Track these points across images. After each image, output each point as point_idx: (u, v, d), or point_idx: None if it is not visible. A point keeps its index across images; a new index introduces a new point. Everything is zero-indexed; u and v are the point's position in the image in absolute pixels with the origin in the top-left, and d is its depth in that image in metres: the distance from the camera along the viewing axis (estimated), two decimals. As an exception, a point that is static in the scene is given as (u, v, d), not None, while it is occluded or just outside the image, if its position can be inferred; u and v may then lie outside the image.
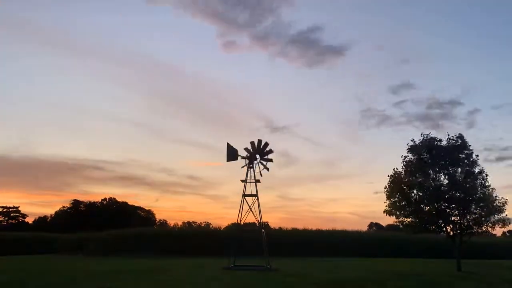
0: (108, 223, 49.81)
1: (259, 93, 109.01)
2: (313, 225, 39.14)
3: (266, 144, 22.31)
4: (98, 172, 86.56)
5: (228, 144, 22.26)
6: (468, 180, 20.11)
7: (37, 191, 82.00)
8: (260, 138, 22.38)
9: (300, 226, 39.97)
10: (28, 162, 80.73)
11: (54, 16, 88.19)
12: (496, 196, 19.99)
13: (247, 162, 22.17)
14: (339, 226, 49.09)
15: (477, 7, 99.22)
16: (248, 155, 22.24)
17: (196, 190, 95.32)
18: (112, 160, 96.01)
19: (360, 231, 41.92)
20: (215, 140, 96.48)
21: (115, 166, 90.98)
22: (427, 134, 21.45)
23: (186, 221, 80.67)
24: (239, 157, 22.27)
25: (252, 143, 22.39)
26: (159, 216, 78.65)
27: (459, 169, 20.65)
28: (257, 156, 22.24)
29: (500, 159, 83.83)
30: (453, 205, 20.44)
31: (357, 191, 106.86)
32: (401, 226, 22.70)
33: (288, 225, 39.20)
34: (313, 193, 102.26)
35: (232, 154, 22.16)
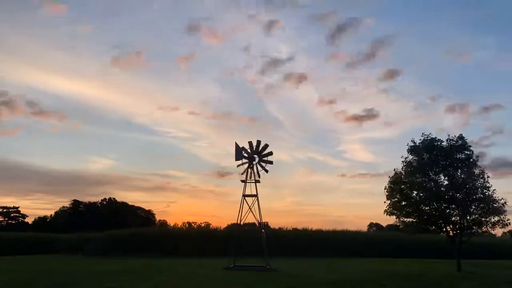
0: (108, 223, 49.77)
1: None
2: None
3: (266, 145, 22.30)
4: (141, 182, 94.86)
5: (236, 143, 22.24)
6: (469, 180, 20.10)
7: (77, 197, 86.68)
8: (259, 139, 22.42)
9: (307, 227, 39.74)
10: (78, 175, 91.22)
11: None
12: (496, 197, 19.99)
13: (243, 162, 22.20)
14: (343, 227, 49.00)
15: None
16: (246, 155, 22.24)
17: (216, 196, 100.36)
18: (156, 172, 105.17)
19: (360, 231, 41.97)
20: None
21: (155, 177, 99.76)
22: (428, 135, 21.44)
23: (186, 221, 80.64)
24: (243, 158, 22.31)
25: (250, 143, 22.35)
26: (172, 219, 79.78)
27: (459, 170, 20.65)
28: (256, 157, 22.24)
29: None
30: (453, 206, 20.44)
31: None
32: (401, 226, 22.69)
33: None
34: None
35: (239, 154, 22.17)
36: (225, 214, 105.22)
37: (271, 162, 22.22)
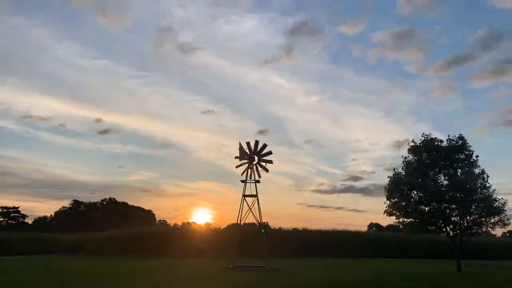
0: (108, 223, 49.76)
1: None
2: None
3: (264, 145, 22.29)
4: (167, 192, 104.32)
5: (240, 144, 22.23)
6: (469, 181, 20.09)
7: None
8: (257, 139, 22.40)
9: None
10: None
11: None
12: (496, 197, 19.99)
13: (243, 162, 22.20)
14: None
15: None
16: (246, 156, 22.22)
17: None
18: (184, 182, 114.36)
19: (360, 231, 41.95)
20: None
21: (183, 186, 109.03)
22: (428, 135, 21.46)
23: (186, 221, 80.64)
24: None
25: (248, 143, 22.30)
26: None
27: (459, 170, 20.65)
28: (255, 157, 22.21)
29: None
30: (453, 206, 20.44)
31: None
32: (401, 226, 22.71)
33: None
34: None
35: (243, 154, 22.20)
36: (225, 214, 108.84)
37: (271, 162, 22.20)
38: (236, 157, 22.30)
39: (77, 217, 64.21)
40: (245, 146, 22.31)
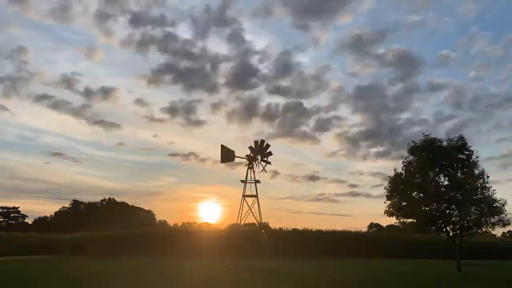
0: (108, 223, 49.76)
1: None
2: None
3: (268, 145, 22.38)
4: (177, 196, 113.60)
5: (222, 145, 22.31)
6: (469, 181, 20.08)
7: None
8: (262, 139, 22.48)
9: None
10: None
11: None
12: (496, 197, 19.99)
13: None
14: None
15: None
16: (251, 155, 22.26)
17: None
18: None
19: (360, 231, 41.92)
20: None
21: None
22: (428, 135, 21.44)
23: (186, 222, 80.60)
24: (236, 158, 22.31)
25: (256, 142, 22.46)
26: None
27: (459, 170, 20.64)
28: (258, 156, 22.28)
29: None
30: (453, 206, 20.43)
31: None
32: (401, 226, 22.70)
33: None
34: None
35: (226, 155, 22.19)
36: (231, 215, 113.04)
37: (269, 163, 22.26)
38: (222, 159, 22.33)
39: (77, 217, 64.20)
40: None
